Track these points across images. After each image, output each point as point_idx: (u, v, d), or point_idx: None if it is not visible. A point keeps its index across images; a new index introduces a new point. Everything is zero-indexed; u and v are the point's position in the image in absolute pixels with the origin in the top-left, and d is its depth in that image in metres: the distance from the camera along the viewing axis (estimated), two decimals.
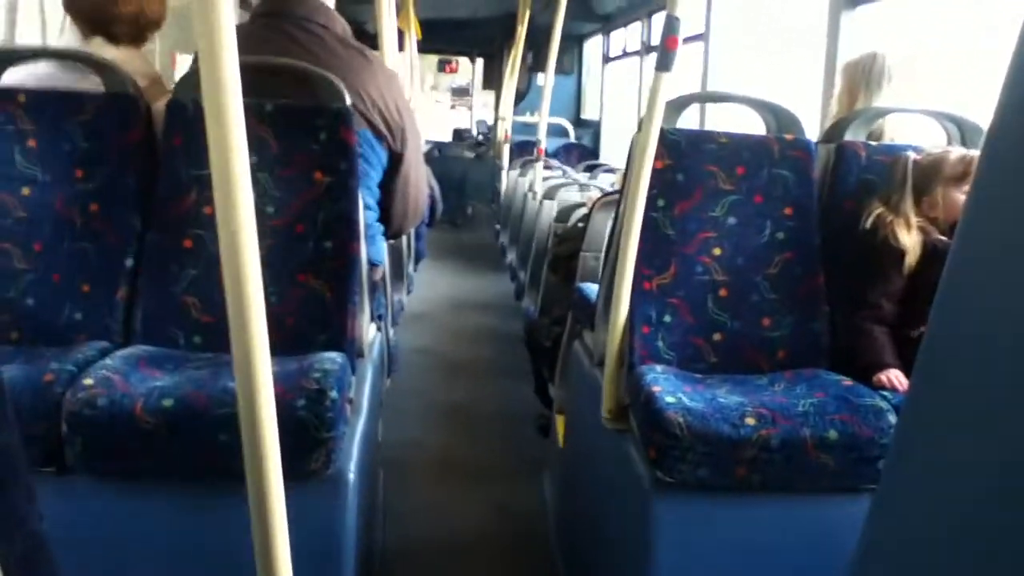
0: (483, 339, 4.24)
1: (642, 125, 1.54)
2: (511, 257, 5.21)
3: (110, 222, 1.63)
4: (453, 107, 12.75)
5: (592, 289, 2.01)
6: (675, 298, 1.70)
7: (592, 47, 7.71)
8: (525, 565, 2.11)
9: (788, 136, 1.81)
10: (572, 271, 2.63)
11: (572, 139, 7.43)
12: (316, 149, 1.63)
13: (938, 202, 1.72)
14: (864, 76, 2.01)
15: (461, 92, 12.23)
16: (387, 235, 2.08)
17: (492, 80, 8.17)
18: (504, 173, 6.40)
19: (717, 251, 1.73)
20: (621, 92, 6.79)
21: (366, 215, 1.79)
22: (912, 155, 1.77)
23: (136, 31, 1.80)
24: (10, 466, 0.49)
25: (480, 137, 8.55)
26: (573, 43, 7.65)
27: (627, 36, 6.46)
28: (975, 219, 0.47)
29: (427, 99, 12.42)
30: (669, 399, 1.43)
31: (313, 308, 1.60)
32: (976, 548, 0.43)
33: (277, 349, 0.89)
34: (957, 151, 1.76)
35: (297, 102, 1.65)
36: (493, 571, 2.08)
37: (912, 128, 1.98)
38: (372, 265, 1.90)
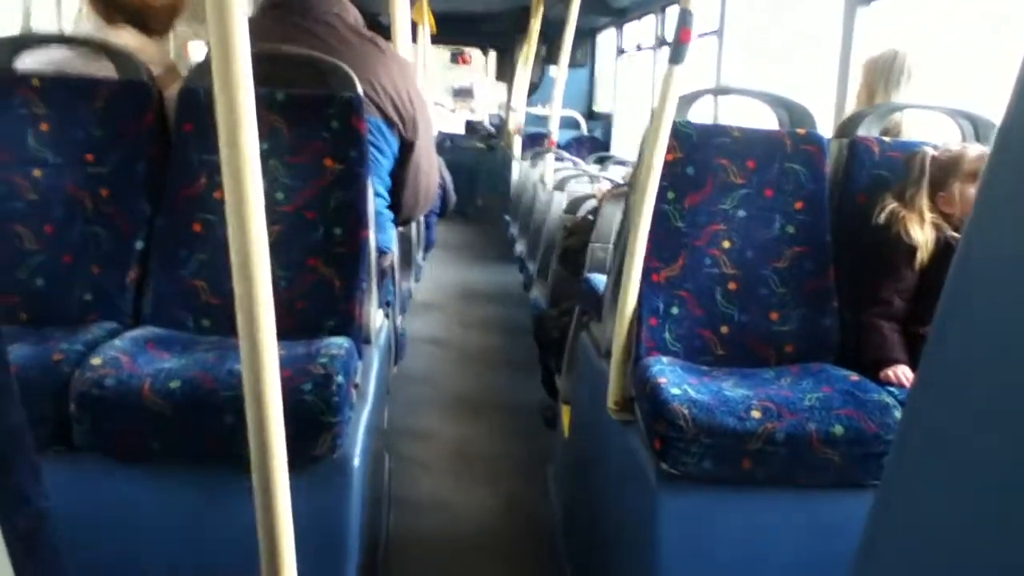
0: (491, 329, 4.25)
1: (654, 117, 1.54)
2: (520, 248, 5.20)
3: (120, 206, 1.64)
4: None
5: (600, 280, 2.00)
6: (683, 290, 1.70)
7: (605, 40, 7.67)
8: (529, 555, 2.11)
9: (800, 131, 1.80)
10: (581, 264, 2.63)
11: (584, 131, 7.40)
12: (327, 137, 1.64)
13: (954, 198, 1.72)
14: (883, 74, 1.99)
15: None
16: (397, 222, 2.08)
17: (505, 72, 8.15)
18: (515, 164, 6.38)
19: (726, 244, 1.72)
20: (634, 85, 6.76)
21: (376, 202, 1.80)
22: (930, 151, 1.76)
23: (168, 22, 1.83)
24: (16, 446, 0.49)
25: (492, 129, 8.53)
26: (586, 36, 7.62)
27: (641, 29, 6.43)
28: (983, 217, 0.47)
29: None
30: (675, 391, 1.43)
31: (322, 293, 1.61)
32: (978, 546, 0.43)
33: (285, 334, 0.90)
34: (975, 148, 1.75)
35: (308, 90, 1.66)
36: (497, 560, 2.09)
37: (930, 125, 1.96)
38: (381, 252, 1.91)
